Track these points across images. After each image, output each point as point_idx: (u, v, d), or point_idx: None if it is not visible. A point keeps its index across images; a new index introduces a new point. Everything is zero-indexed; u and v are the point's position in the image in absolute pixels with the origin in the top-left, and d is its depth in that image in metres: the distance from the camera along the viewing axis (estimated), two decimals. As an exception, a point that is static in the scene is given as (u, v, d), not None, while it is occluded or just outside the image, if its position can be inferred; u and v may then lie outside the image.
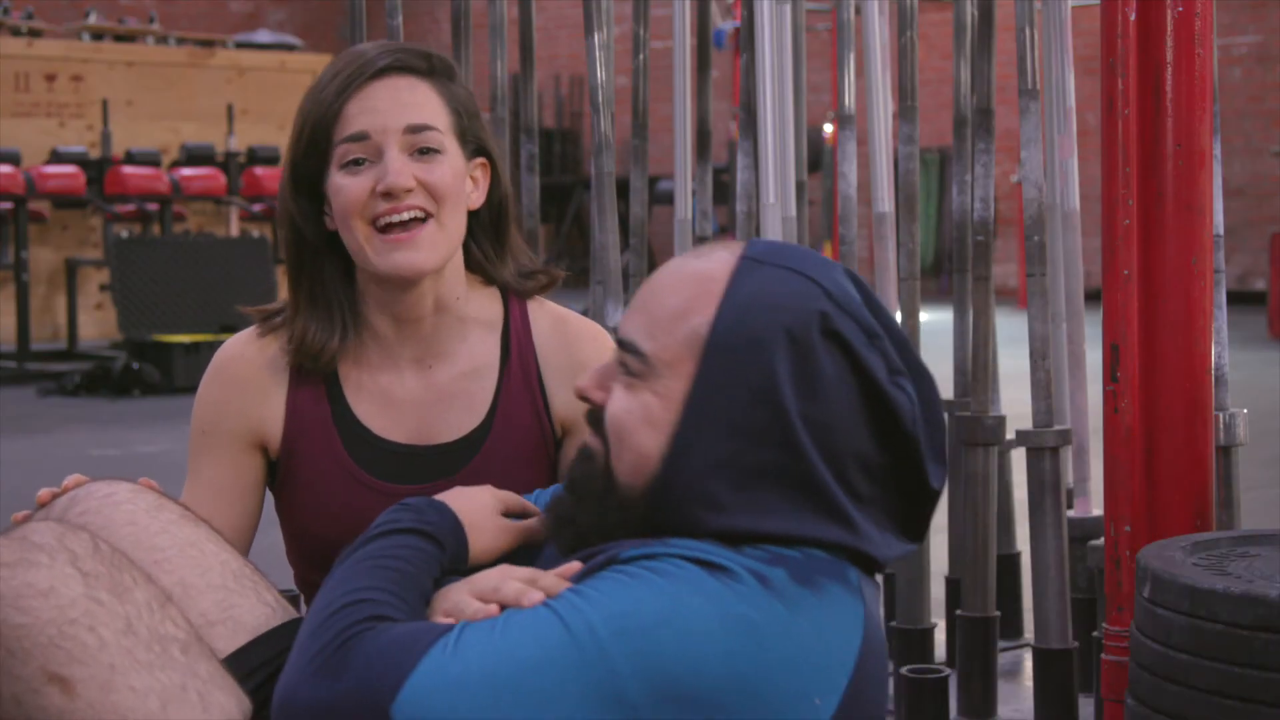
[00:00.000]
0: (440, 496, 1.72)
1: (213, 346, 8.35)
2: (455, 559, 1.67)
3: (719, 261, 1.59)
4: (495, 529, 1.72)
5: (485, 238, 2.01)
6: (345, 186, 1.88)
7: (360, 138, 1.88)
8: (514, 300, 2.02)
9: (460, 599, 1.56)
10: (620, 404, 1.58)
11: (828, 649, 1.51)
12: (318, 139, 1.90)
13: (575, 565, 1.57)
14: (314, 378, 1.97)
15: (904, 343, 1.61)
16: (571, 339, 2.01)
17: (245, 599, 1.71)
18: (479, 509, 1.72)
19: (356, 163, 1.88)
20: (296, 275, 1.97)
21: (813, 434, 1.53)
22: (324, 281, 1.96)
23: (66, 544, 1.52)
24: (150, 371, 8.24)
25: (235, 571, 1.73)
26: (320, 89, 1.91)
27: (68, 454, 6.41)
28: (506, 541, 1.73)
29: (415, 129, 1.89)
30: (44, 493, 1.76)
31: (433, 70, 1.94)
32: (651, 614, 1.45)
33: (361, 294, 1.96)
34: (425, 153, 1.89)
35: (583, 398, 1.63)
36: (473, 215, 1.98)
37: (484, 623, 1.48)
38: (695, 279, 1.58)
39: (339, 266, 1.96)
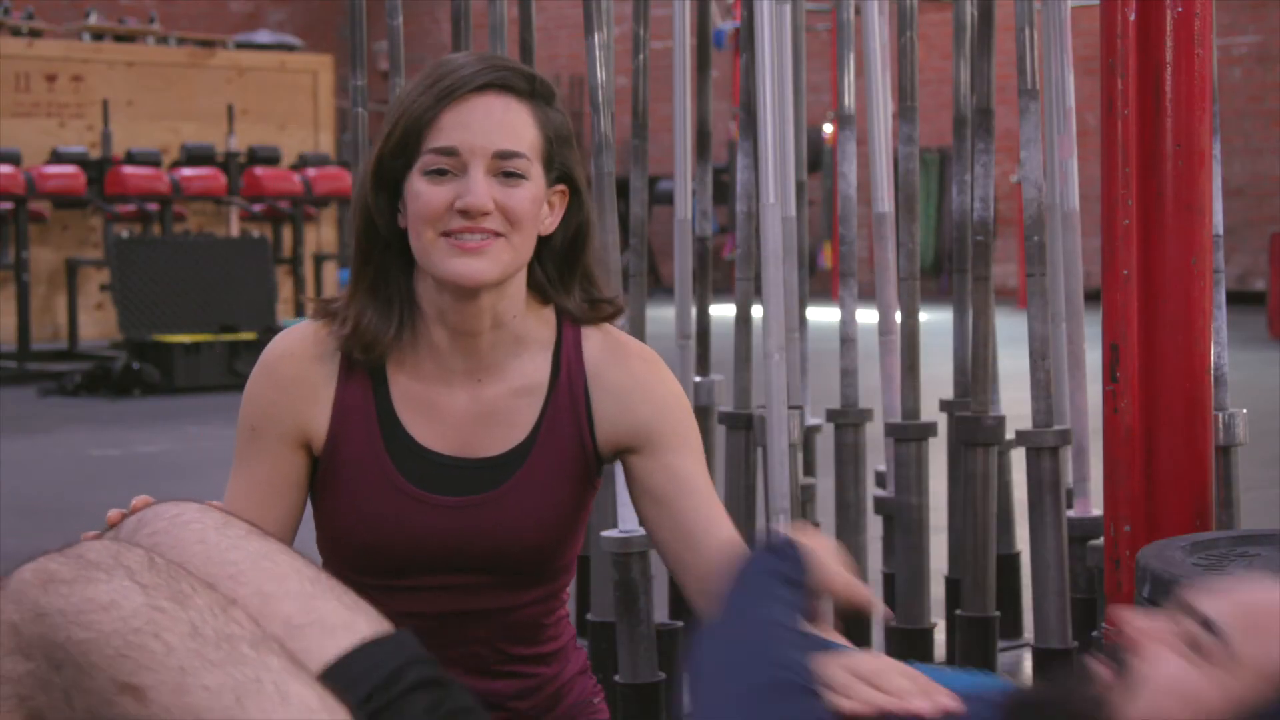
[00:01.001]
0: (804, 548, 1.73)
1: (213, 347, 8.37)
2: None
3: None
4: (835, 575, 1.73)
5: (551, 263, 2.01)
6: (424, 194, 1.90)
7: (450, 152, 1.89)
8: (568, 321, 2.02)
9: (838, 675, 1.56)
10: (1174, 669, 1.53)
11: None
12: (408, 141, 1.91)
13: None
14: (363, 379, 1.98)
15: None
16: (621, 360, 2.00)
17: (326, 601, 1.71)
18: (825, 555, 1.73)
19: (440, 173, 1.90)
20: (362, 266, 1.98)
21: None
22: (388, 275, 1.97)
23: (122, 560, 1.54)
24: (150, 371, 8.25)
25: (311, 577, 1.73)
26: (419, 91, 1.92)
27: (68, 454, 6.41)
28: (841, 589, 1.75)
29: (504, 155, 1.90)
30: (114, 513, 1.78)
31: (534, 93, 1.95)
32: None
33: (421, 303, 1.97)
34: (509, 176, 1.91)
35: (1129, 638, 1.58)
36: (544, 239, 1.99)
37: None
38: None
39: (405, 263, 1.97)
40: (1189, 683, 1.53)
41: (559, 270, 2.01)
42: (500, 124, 1.90)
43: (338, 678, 1.63)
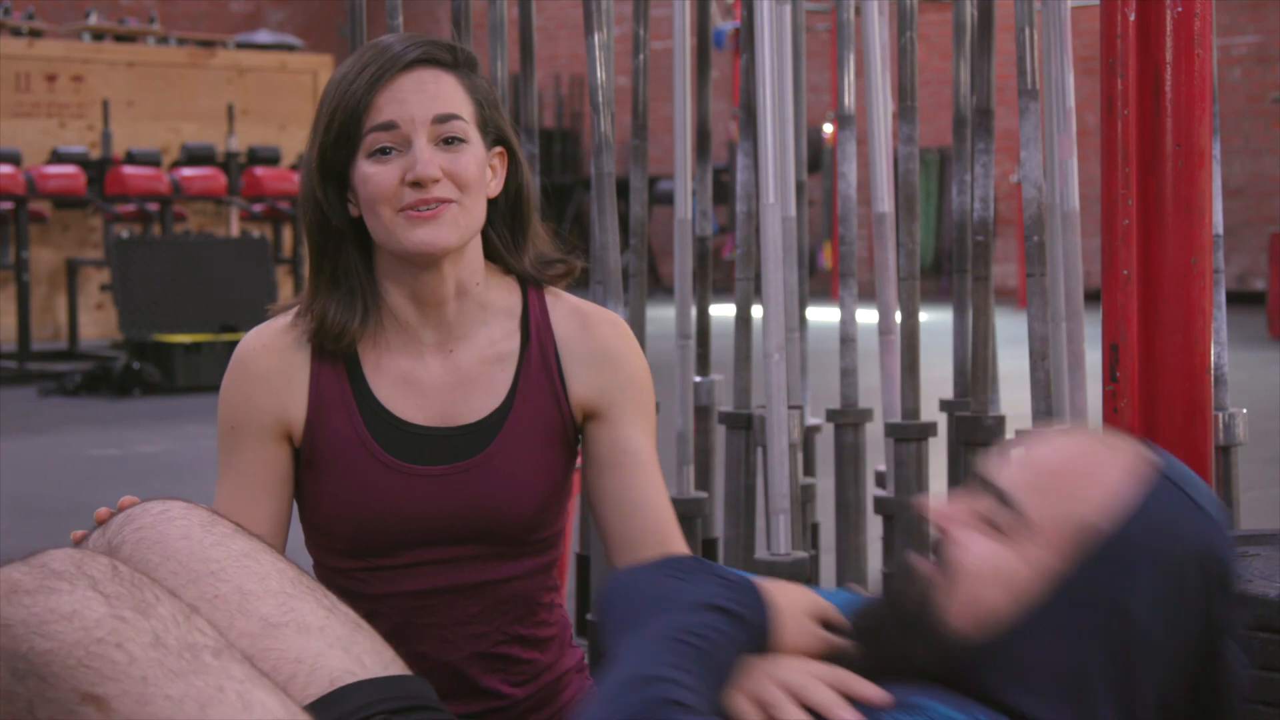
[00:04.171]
0: (761, 584, 1.68)
1: (213, 346, 8.37)
2: (758, 646, 1.63)
3: (1135, 466, 1.57)
4: (804, 631, 1.68)
5: (504, 225, 2.06)
6: (373, 175, 1.94)
7: (389, 127, 1.93)
8: (532, 290, 2.07)
9: (766, 689, 1.55)
10: (981, 551, 1.56)
11: None
12: (348, 130, 1.95)
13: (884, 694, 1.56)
14: (335, 363, 2.01)
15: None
16: (589, 325, 2.05)
17: (305, 602, 1.72)
18: (794, 605, 1.68)
19: (384, 151, 1.94)
20: (319, 260, 2.01)
21: (1157, 664, 1.53)
22: (346, 265, 2.00)
23: (85, 569, 1.54)
24: (151, 371, 8.25)
25: (292, 578, 1.75)
26: (349, 80, 1.96)
27: (68, 454, 6.41)
28: (811, 648, 1.68)
29: (442, 119, 1.94)
30: (102, 511, 1.80)
31: (457, 63, 2.00)
32: None
33: (383, 279, 2.01)
34: (450, 142, 1.95)
35: (934, 524, 1.61)
36: (491, 203, 2.03)
37: None
38: (1109, 472, 1.56)
39: (360, 251, 2.01)
40: (997, 562, 1.55)
41: (510, 230, 2.06)
42: (434, 94, 1.95)
43: (330, 709, 1.63)
